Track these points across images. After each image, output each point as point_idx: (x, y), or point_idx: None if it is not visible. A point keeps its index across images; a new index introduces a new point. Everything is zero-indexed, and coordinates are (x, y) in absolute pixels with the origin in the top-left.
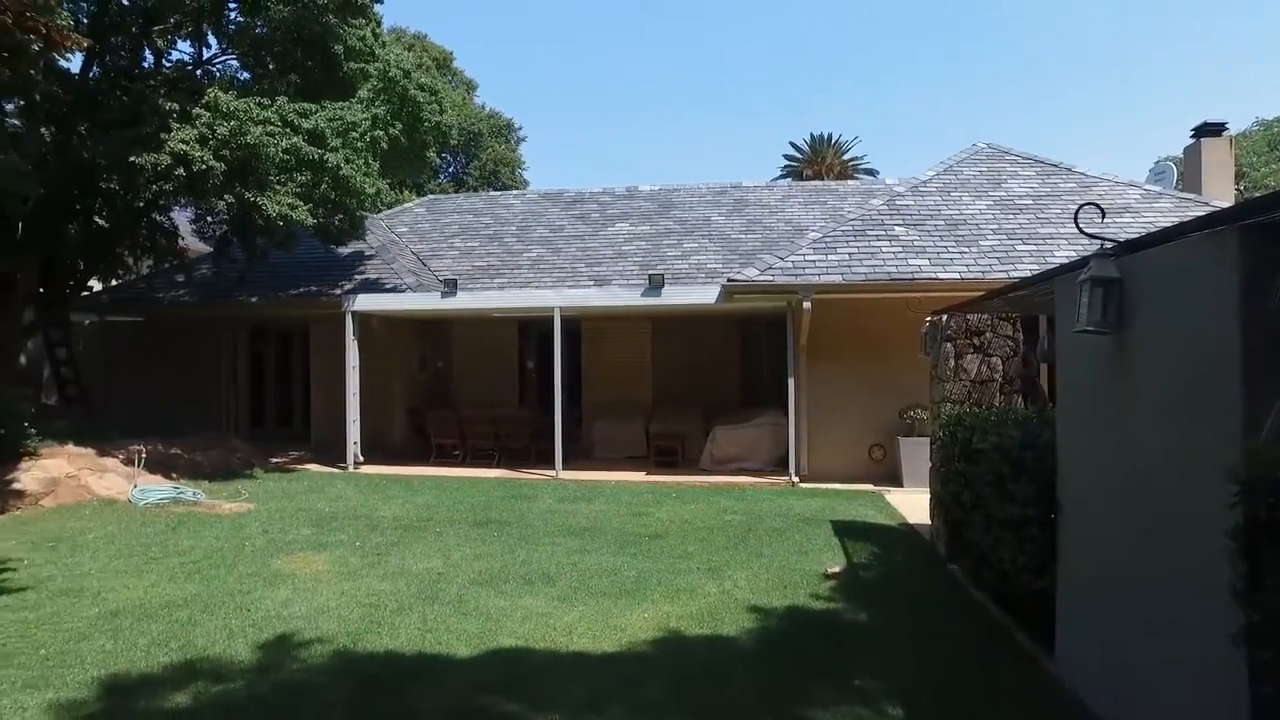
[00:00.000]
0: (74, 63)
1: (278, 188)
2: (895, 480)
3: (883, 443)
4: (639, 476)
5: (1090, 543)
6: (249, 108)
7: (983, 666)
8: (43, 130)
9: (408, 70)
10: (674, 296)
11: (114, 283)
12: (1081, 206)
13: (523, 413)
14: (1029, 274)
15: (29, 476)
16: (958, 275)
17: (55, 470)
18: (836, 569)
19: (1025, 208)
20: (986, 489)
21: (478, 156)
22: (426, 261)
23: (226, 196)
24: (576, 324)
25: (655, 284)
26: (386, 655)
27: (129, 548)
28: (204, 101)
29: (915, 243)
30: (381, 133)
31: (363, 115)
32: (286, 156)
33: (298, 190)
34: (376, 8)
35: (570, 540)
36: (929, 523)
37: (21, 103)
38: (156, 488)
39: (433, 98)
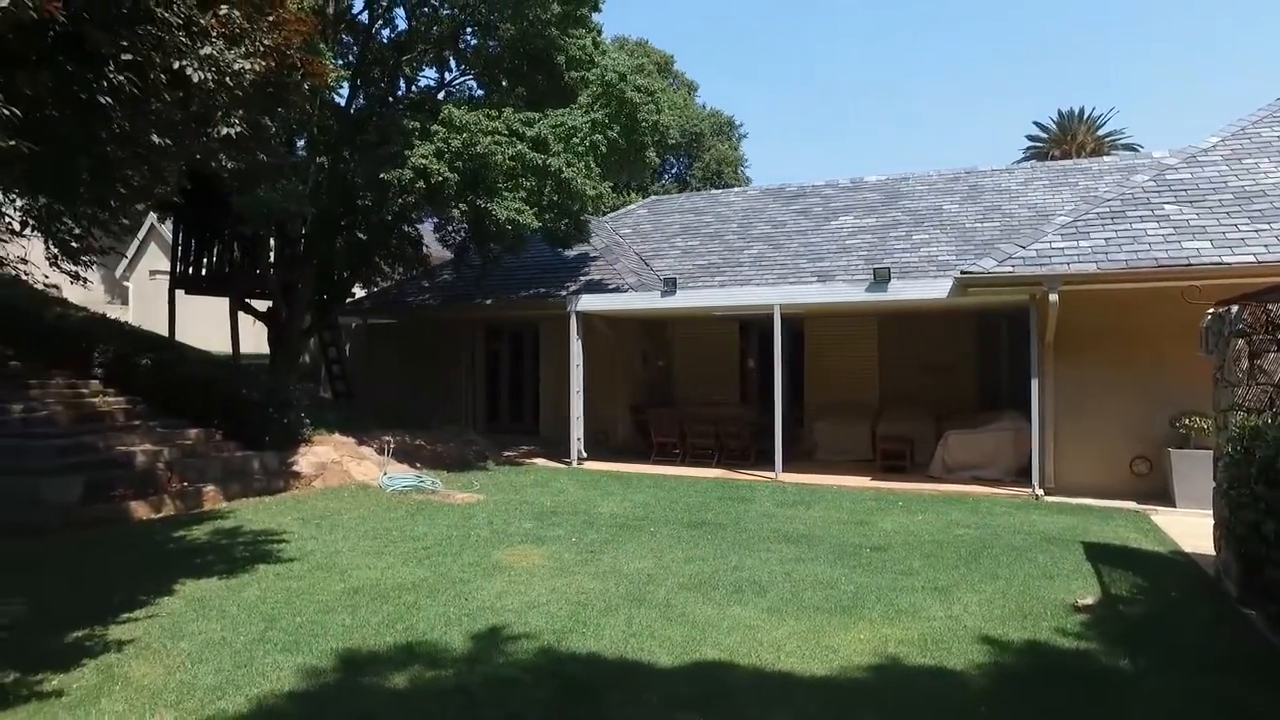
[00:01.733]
0: (344, 97)
1: (506, 194)
2: (1164, 499)
3: (1148, 455)
4: (862, 481)
5: None
6: (478, 120)
7: None
8: (319, 159)
9: (623, 73)
10: (901, 291)
11: (373, 289)
12: None
13: (743, 412)
14: None
15: (305, 461)
16: (1251, 259)
17: (324, 456)
18: (1089, 600)
19: None
20: None
21: (700, 157)
22: (648, 261)
23: (461, 205)
24: (799, 321)
25: (881, 278)
26: (589, 657)
27: (374, 530)
28: (440, 118)
29: (1191, 222)
30: (600, 136)
31: (582, 119)
32: (512, 163)
33: (524, 195)
34: (595, 17)
35: (785, 547)
36: (1212, 554)
37: (306, 137)
38: (402, 476)
39: (649, 98)
